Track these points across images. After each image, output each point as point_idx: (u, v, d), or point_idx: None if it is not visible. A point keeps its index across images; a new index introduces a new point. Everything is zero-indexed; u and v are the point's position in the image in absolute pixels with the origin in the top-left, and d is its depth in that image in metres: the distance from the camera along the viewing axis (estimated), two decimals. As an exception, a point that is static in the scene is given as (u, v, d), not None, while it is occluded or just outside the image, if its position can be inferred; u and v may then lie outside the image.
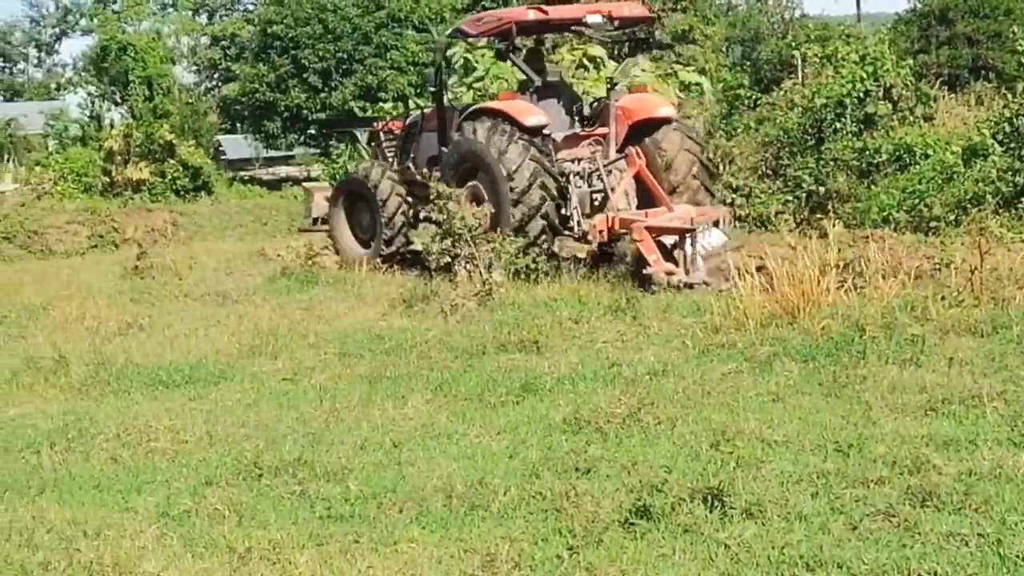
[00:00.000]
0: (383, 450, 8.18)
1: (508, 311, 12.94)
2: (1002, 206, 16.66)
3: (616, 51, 20.68)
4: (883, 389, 8.74)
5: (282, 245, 20.64)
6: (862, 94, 20.35)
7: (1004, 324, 10.34)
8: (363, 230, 18.46)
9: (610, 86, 17.56)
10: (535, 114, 16.23)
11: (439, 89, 18.05)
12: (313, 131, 52.64)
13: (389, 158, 18.99)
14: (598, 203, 16.28)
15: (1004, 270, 11.93)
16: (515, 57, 17.34)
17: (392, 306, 13.90)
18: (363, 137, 27.39)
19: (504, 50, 17.46)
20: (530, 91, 17.06)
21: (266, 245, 21.64)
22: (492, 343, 11.21)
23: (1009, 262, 12.22)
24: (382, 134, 19.77)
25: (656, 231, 14.52)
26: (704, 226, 14.58)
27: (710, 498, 6.54)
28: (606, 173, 16.33)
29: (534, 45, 18.11)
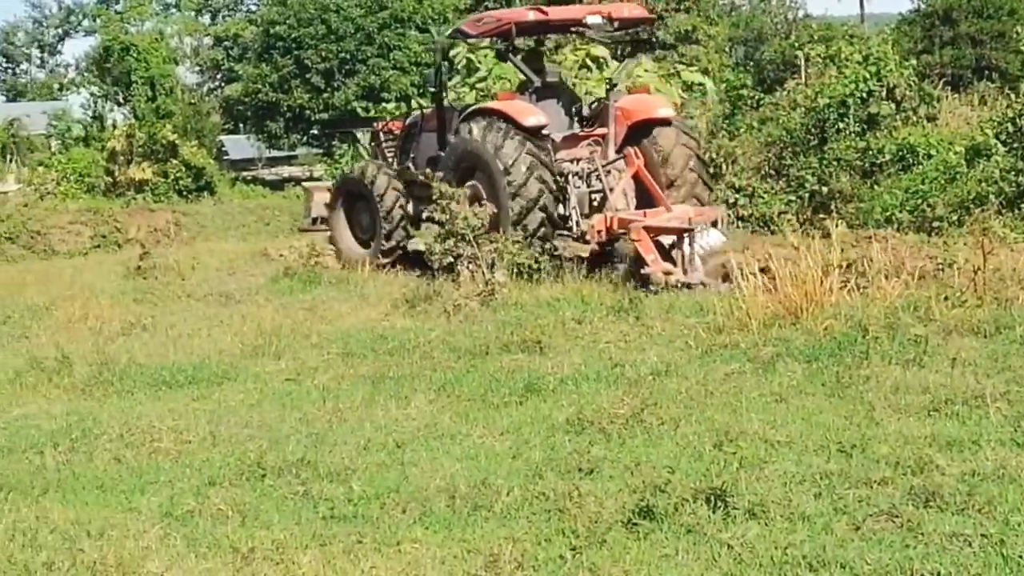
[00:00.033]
0: (386, 450, 8.18)
1: (511, 311, 12.94)
2: (1005, 206, 16.65)
3: (620, 52, 20.67)
4: (886, 389, 8.74)
5: (285, 245, 20.63)
6: (865, 94, 20.34)
7: (1007, 324, 10.34)
8: (363, 230, 18.50)
9: (609, 87, 17.60)
10: (534, 114, 16.26)
11: (439, 89, 18.10)
12: (316, 131, 52.68)
13: (389, 158, 19.02)
14: (597, 203, 16.33)
15: (1007, 270, 11.91)
16: (514, 58, 17.40)
17: (395, 306, 13.90)
18: (364, 138, 27.43)
19: (504, 51, 17.51)
20: (529, 91, 17.10)
21: (269, 245, 21.64)
22: (495, 343, 11.21)
23: (1012, 262, 12.20)
24: (382, 134, 19.80)
25: (654, 231, 14.57)
26: (702, 226, 14.61)
27: (713, 498, 6.54)
28: (605, 173, 16.36)
29: (534, 46, 18.12)
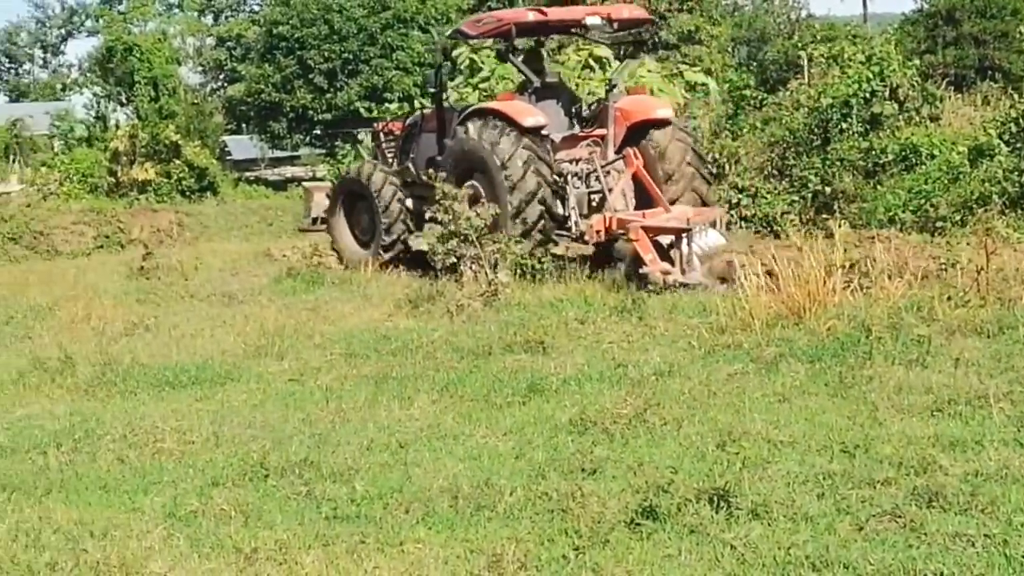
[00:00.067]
0: (389, 451, 8.19)
1: (514, 312, 12.95)
2: (1008, 206, 16.65)
3: (622, 52, 20.68)
4: (889, 390, 8.74)
5: (288, 245, 20.66)
6: (868, 94, 20.34)
7: (1010, 324, 10.33)
8: (362, 231, 18.53)
9: (608, 88, 17.63)
10: (533, 114, 16.30)
11: (439, 90, 18.14)
12: (319, 132, 52.71)
13: (389, 159, 19.05)
14: (596, 204, 16.37)
15: (1010, 270, 11.92)
16: (514, 58, 17.44)
17: (398, 306, 13.91)
18: (367, 138, 27.44)
19: (504, 51, 17.55)
20: (529, 92, 17.14)
21: (272, 245, 21.66)
22: (498, 344, 11.21)
23: (1015, 262, 12.21)
24: (382, 135, 19.83)
25: (652, 231, 14.61)
26: (701, 227, 14.63)
27: (716, 499, 6.54)
28: (604, 174, 16.39)
29: (534, 46, 18.16)
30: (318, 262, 17.94)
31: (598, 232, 15.44)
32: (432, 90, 18.36)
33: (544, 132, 16.26)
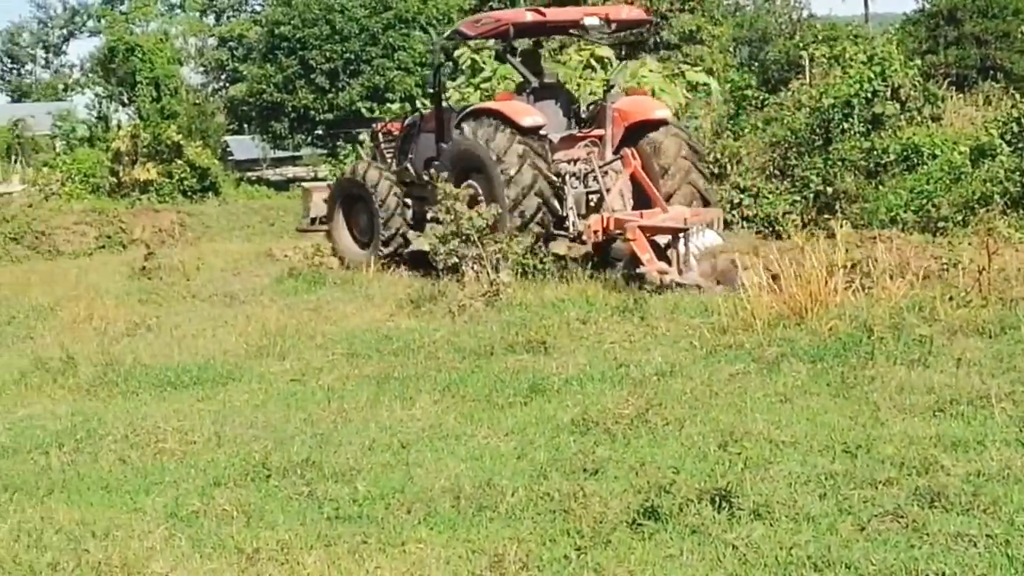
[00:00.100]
0: (391, 451, 8.19)
1: (516, 312, 12.95)
2: (1010, 206, 16.64)
3: (625, 52, 20.67)
4: (891, 390, 8.74)
5: (289, 246, 20.65)
6: (870, 94, 20.33)
7: (1012, 325, 10.33)
8: (361, 231, 18.55)
9: (606, 88, 17.65)
10: (531, 114, 16.33)
11: (437, 90, 18.15)
12: (320, 132, 52.74)
13: (388, 159, 19.07)
14: (594, 204, 16.40)
15: (1012, 270, 11.91)
16: (512, 59, 17.45)
17: (400, 306, 13.91)
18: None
19: (502, 52, 17.57)
20: (527, 92, 17.16)
21: (273, 246, 21.65)
22: (500, 344, 11.22)
23: (1017, 262, 12.20)
24: (380, 135, 19.84)
25: (650, 231, 14.64)
26: (698, 227, 14.65)
27: (718, 499, 6.54)
28: (602, 174, 16.42)
29: (532, 47, 18.18)
30: (320, 262, 17.94)
31: (596, 232, 15.48)
32: (431, 90, 18.39)
33: (542, 132, 16.29)
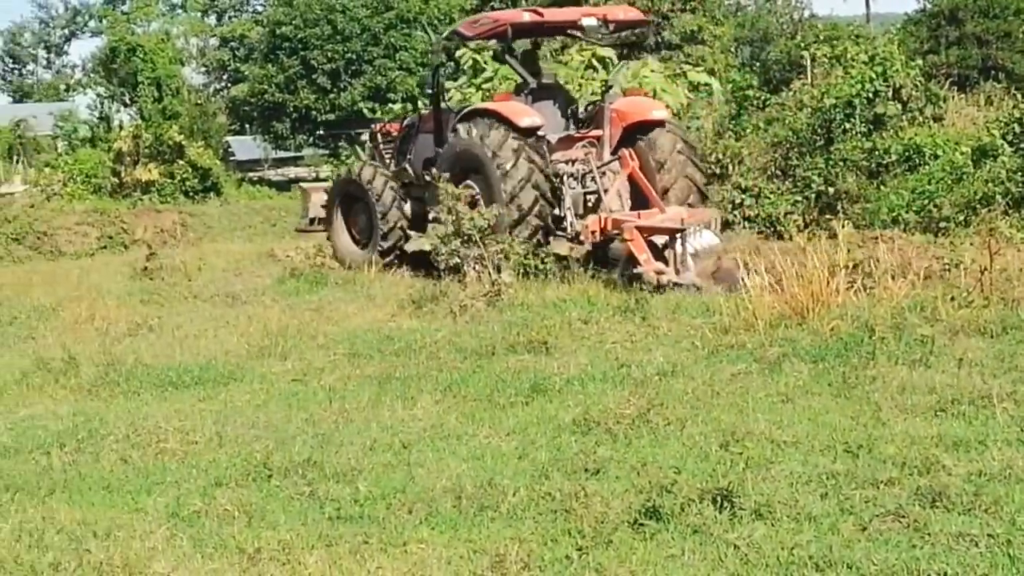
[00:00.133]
0: (392, 451, 8.19)
1: (517, 312, 12.95)
2: (1012, 207, 16.62)
3: (626, 53, 20.67)
4: (893, 390, 8.74)
5: (291, 246, 20.66)
6: (871, 94, 20.31)
7: (1014, 325, 10.33)
8: (360, 231, 18.56)
9: (604, 89, 17.66)
10: (529, 115, 16.36)
11: (436, 91, 18.17)
12: (322, 132, 52.75)
13: (386, 159, 19.09)
14: (592, 204, 16.41)
15: (1014, 271, 11.91)
16: (511, 59, 17.46)
17: (401, 307, 13.92)
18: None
19: (500, 52, 17.59)
20: (525, 93, 17.18)
21: (275, 246, 21.66)
22: (501, 344, 11.22)
23: (1019, 263, 12.20)
24: (379, 136, 19.86)
25: (647, 231, 14.66)
26: (695, 227, 14.67)
27: (719, 499, 6.54)
28: (600, 174, 16.44)
29: (530, 47, 18.20)
30: (321, 263, 17.96)
31: (593, 232, 15.51)
32: (429, 91, 18.41)
33: (540, 132, 16.32)
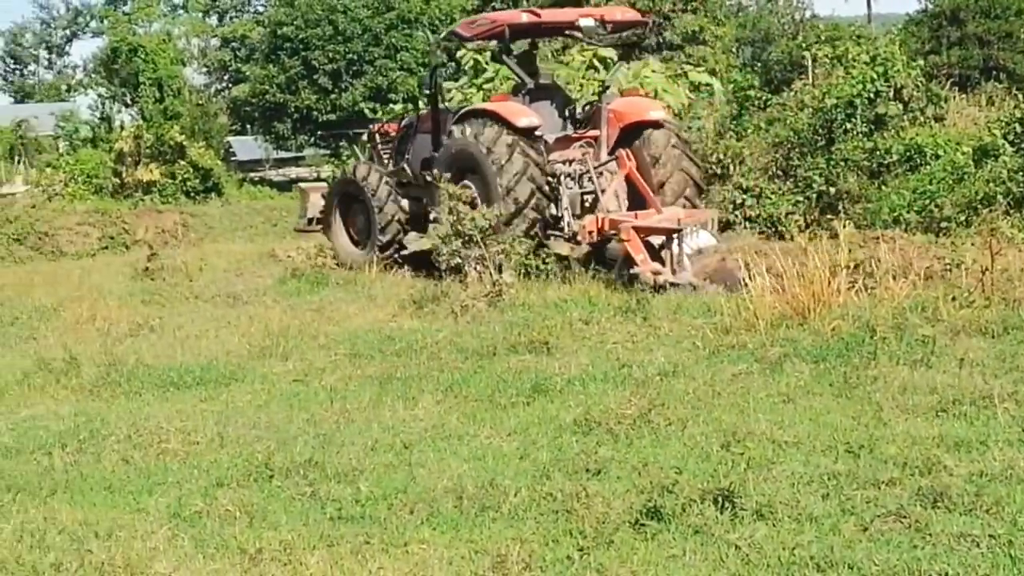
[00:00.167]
0: (394, 451, 8.19)
1: (518, 312, 12.95)
2: (1013, 207, 16.60)
3: (626, 53, 20.68)
4: (894, 390, 8.73)
5: (292, 246, 20.68)
6: (872, 95, 20.32)
7: (1015, 325, 10.32)
8: (358, 231, 18.57)
9: (602, 89, 17.68)
10: (527, 115, 16.38)
11: (434, 91, 18.20)
12: (323, 132, 52.76)
13: (385, 160, 19.10)
14: (589, 204, 16.42)
15: (1015, 271, 11.89)
16: (508, 59, 17.49)
17: (402, 307, 13.92)
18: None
19: (498, 52, 17.61)
20: (523, 93, 17.19)
21: (276, 246, 21.69)
22: (502, 344, 11.22)
23: (1020, 263, 12.18)
24: (377, 136, 19.87)
25: (644, 231, 14.68)
26: (692, 228, 14.67)
27: (721, 499, 6.54)
28: (597, 175, 16.45)
29: (528, 48, 18.21)
30: (322, 263, 17.97)
31: (590, 232, 15.53)
32: (428, 91, 18.43)
33: (537, 133, 16.33)
